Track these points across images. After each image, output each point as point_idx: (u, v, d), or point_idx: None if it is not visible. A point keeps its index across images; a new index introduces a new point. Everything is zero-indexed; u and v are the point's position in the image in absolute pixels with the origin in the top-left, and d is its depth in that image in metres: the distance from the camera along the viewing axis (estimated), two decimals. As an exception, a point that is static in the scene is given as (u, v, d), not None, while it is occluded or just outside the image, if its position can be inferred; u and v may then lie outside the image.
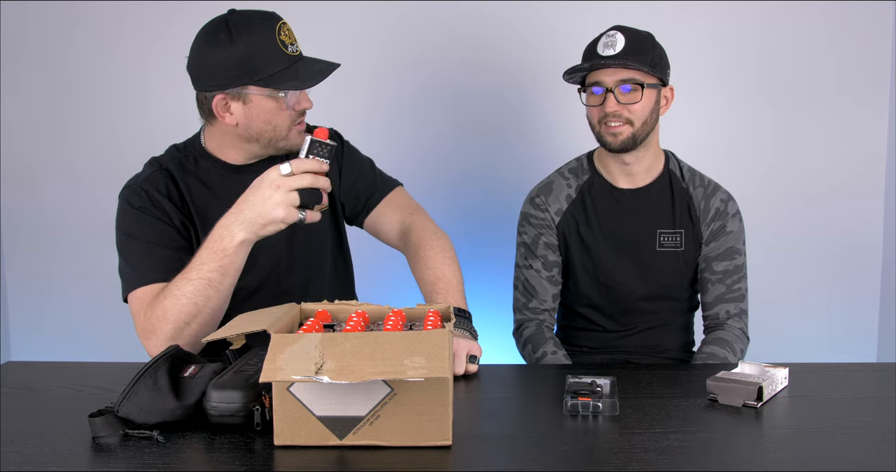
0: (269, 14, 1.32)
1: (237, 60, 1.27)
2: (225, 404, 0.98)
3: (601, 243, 1.64)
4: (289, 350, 0.89)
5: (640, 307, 1.64)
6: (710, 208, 1.61)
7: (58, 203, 2.38)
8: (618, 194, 1.63)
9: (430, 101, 2.37)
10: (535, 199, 1.68)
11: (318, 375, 0.86)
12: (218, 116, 1.33)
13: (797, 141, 2.40)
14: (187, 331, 1.24)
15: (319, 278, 1.52)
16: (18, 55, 2.32)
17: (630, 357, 1.65)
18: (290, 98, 1.32)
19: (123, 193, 1.40)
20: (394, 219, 1.54)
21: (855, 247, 2.43)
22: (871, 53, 2.36)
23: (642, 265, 1.62)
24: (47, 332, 2.42)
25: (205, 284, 1.22)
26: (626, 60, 1.48)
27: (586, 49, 1.57)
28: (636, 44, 1.51)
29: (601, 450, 0.94)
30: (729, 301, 1.62)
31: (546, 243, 1.66)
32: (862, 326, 2.46)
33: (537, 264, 1.66)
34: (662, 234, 1.61)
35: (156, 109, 2.33)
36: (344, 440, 0.93)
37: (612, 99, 1.51)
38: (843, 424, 1.04)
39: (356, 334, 0.93)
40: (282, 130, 1.36)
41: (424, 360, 0.88)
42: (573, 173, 1.68)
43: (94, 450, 0.94)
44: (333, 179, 1.54)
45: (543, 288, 1.66)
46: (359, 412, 0.93)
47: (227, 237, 1.21)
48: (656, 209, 1.61)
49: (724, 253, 1.61)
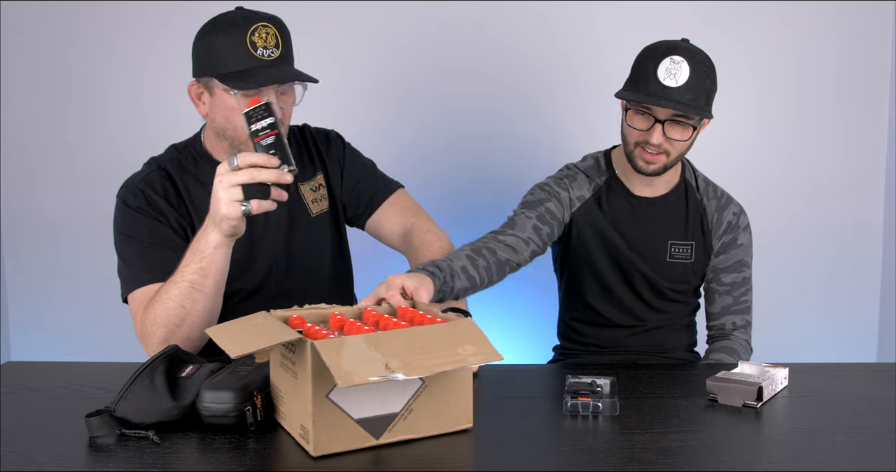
0: (258, 15, 1.31)
1: (205, 52, 1.31)
2: (216, 404, 0.98)
3: (612, 246, 1.59)
4: (344, 354, 0.86)
5: (651, 304, 1.63)
6: (722, 221, 1.60)
7: (58, 203, 2.38)
8: (634, 201, 1.59)
9: (430, 101, 2.37)
10: (562, 180, 1.60)
11: (392, 373, 0.84)
12: (193, 101, 1.37)
13: (797, 141, 2.40)
14: (179, 334, 1.24)
15: (319, 278, 1.52)
16: (18, 55, 2.32)
17: (638, 359, 1.63)
18: (241, 99, 1.29)
19: (120, 193, 1.40)
20: (396, 221, 1.54)
21: (855, 247, 2.44)
22: (871, 53, 2.36)
23: (651, 273, 1.60)
24: (47, 332, 2.42)
25: (188, 286, 1.22)
26: (687, 97, 1.40)
27: (643, 67, 1.44)
28: (699, 76, 1.41)
29: (601, 450, 0.94)
30: (735, 313, 1.63)
31: (548, 209, 1.56)
32: (862, 326, 2.46)
33: (530, 213, 1.55)
34: (674, 245, 1.59)
35: (156, 108, 2.33)
36: (381, 439, 0.93)
37: (658, 131, 1.43)
38: (843, 424, 1.04)
39: (399, 331, 0.93)
40: (241, 132, 1.33)
41: (475, 347, 0.90)
42: (591, 174, 1.62)
43: (94, 450, 0.94)
44: (335, 180, 1.54)
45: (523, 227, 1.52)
46: (394, 408, 0.94)
47: (203, 238, 1.21)
48: (670, 220, 1.60)
49: (733, 265, 1.62)
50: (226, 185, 1.12)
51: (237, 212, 1.13)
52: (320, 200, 1.52)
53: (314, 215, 1.50)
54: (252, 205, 1.12)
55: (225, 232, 1.18)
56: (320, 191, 1.52)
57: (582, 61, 2.36)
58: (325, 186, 1.53)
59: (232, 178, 1.12)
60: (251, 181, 1.11)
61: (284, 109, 1.35)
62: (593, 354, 1.67)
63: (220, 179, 1.13)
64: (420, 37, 2.35)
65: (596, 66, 2.32)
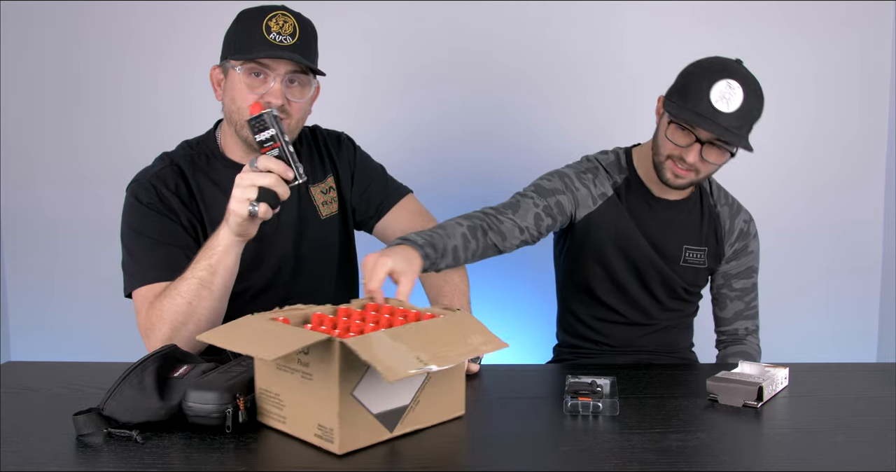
0: (284, 7, 1.34)
1: (227, 36, 1.35)
2: (199, 404, 0.97)
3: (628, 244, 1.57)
4: (376, 351, 0.86)
5: (665, 304, 1.62)
6: (734, 228, 1.63)
7: (58, 202, 2.38)
8: (653, 202, 1.58)
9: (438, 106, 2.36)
10: (583, 175, 1.56)
11: (427, 365, 0.86)
12: (213, 86, 1.39)
13: (797, 141, 2.39)
14: (184, 331, 1.24)
15: (325, 281, 1.52)
16: (19, 54, 2.32)
17: (652, 358, 1.62)
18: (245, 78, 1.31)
19: (131, 186, 1.39)
20: (405, 225, 1.53)
21: (855, 248, 2.43)
22: (871, 53, 2.36)
23: (667, 275, 1.59)
24: (47, 332, 2.42)
25: (197, 283, 1.22)
26: (735, 124, 1.38)
27: (696, 85, 1.40)
28: (751, 105, 1.39)
29: (601, 450, 0.94)
30: (747, 318, 1.67)
31: (559, 203, 1.51)
32: (862, 326, 2.46)
33: (539, 201, 1.50)
34: (688, 249, 1.60)
35: (156, 107, 2.32)
36: (394, 432, 0.95)
37: (696, 151, 1.41)
38: (843, 424, 1.04)
39: (407, 326, 0.95)
40: (242, 114, 1.33)
41: (482, 337, 0.92)
42: (611, 169, 1.59)
43: (94, 450, 0.94)
44: (346, 183, 1.54)
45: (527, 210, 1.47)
46: (404, 401, 0.96)
47: (216, 237, 1.23)
48: (687, 224, 1.60)
49: (745, 272, 1.65)
50: (246, 182, 1.15)
51: (244, 210, 1.15)
52: (330, 202, 1.51)
53: (324, 217, 1.50)
54: (260, 208, 1.14)
55: (233, 229, 1.19)
56: (331, 193, 1.52)
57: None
58: (336, 188, 1.53)
59: (253, 177, 1.14)
60: (270, 186, 1.14)
61: (294, 103, 1.34)
62: (606, 354, 1.63)
63: (243, 176, 1.16)
64: (421, 37, 2.34)
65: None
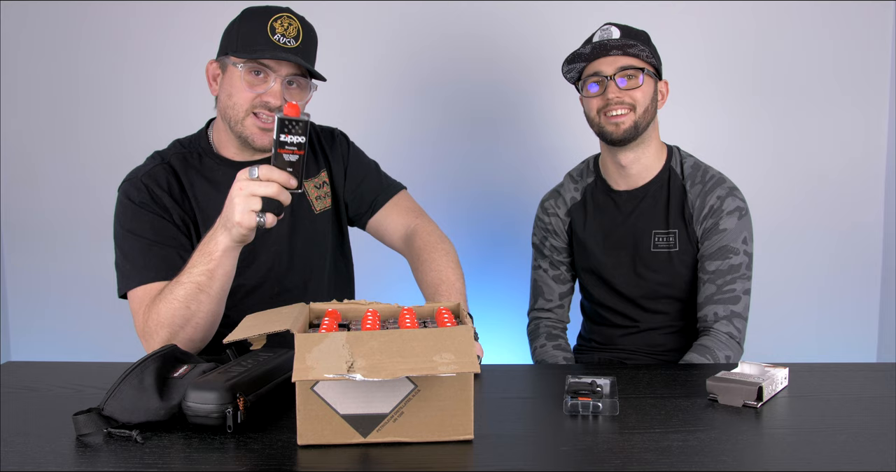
0: (289, 10, 1.35)
1: (229, 33, 1.36)
2: (199, 404, 0.97)
3: (598, 243, 1.66)
4: (316, 350, 0.89)
5: (643, 305, 1.64)
6: (704, 206, 1.56)
7: (58, 202, 2.38)
8: (616, 197, 1.64)
9: (429, 102, 2.37)
10: (545, 203, 1.75)
11: (351, 373, 0.86)
12: (208, 81, 1.40)
13: (797, 141, 2.40)
14: (182, 335, 1.24)
15: (319, 276, 1.52)
16: (18, 54, 2.32)
17: (629, 357, 1.65)
18: (246, 75, 1.32)
19: (123, 186, 1.39)
20: (398, 222, 1.54)
21: (855, 247, 2.43)
22: (871, 53, 2.36)
23: (639, 266, 1.62)
24: (47, 332, 2.42)
25: (195, 288, 1.22)
26: (626, 42, 1.50)
27: (583, 44, 1.57)
28: (631, 34, 1.53)
29: (601, 450, 0.94)
30: (718, 303, 1.54)
31: (552, 246, 1.73)
32: (862, 326, 2.46)
33: (545, 264, 1.75)
34: (657, 234, 1.60)
35: (156, 108, 2.33)
36: (368, 438, 0.94)
37: (612, 86, 1.52)
38: (843, 424, 1.03)
39: (381, 331, 0.93)
40: (238, 110, 1.34)
41: (453, 356, 0.90)
42: (580, 176, 1.72)
43: (94, 450, 0.94)
44: (339, 179, 1.54)
45: (549, 287, 1.75)
46: (382, 409, 0.94)
47: (213, 241, 1.21)
48: (652, 210, 1.61)
49: (717, 252, 1.55)
50: (246, 193, 1.12)
51: (252, 222, 1.13)
52: (324, 197, 1.52)
53: (318, 213, 1.51)
54: (267, 218, 1.13)
55: (235, 238, 1.17)
56: (324, 188, 1.52)
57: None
58: (329, 183, 1.53)
59: (255, 187, 1.12)
60: (273, 196, 1.12)
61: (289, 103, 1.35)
62: (595, 350, 1.73)
63: (241, 186, 1.12)
64: (420, 37, 2.34)
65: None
